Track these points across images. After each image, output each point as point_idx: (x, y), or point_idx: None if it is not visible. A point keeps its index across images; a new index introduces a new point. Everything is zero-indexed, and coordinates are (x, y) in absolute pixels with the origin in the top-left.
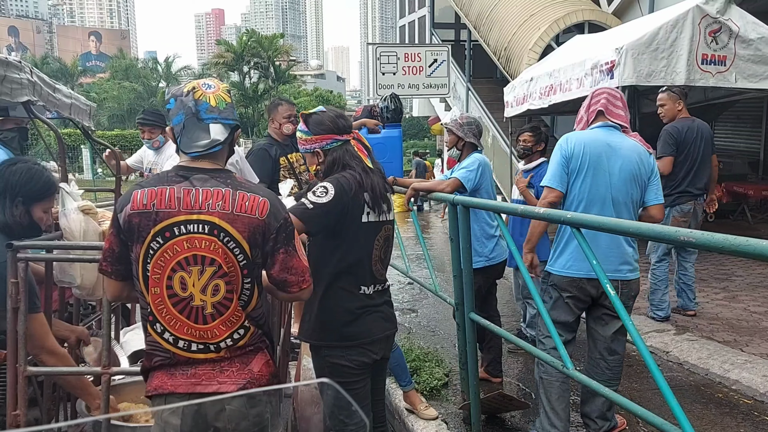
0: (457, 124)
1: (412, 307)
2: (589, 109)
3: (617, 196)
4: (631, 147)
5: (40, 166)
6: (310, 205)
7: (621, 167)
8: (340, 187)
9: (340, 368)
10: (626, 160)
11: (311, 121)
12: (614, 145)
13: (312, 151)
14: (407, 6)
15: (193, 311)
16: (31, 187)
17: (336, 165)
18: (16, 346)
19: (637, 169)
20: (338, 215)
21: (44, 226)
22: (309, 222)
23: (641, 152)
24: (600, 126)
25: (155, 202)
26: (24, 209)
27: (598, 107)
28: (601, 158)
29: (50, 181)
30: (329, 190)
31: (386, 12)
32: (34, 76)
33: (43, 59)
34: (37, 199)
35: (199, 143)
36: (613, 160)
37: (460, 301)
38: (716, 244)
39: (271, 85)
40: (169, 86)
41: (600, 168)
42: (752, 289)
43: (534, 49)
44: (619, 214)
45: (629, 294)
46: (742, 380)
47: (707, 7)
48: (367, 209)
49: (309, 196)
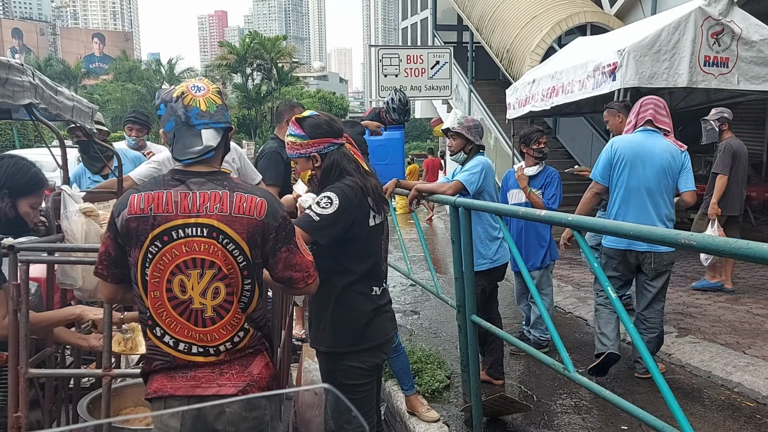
0: (465, 128)
1: (414, 308)
2: (639, 116)
3: (650, 185)
4: (664, 147)
5: (28, 162)
6: (317, 218)
7: (654, 163)
8: (345, 197)
9: (353, 370)
10: (659, 158)
11: (306, 124)
12: (649, 146)
13: (307, 155)
14: (410, 8)
15: (193, 314)
16: (17, 180)
17: (333, 169)
18: (17, 348)
19: (669, 164)
20: (345, 224)
21: (30, 222)
22: (317, 234)
23: (673, 151)
24: (641, 130)
25: (152, 206)
26: (9, 202)
27: (647, 116)
28: (637, 157)
29: (37, 176)
30: (334, 201)
31: (389, 14)
32: (36, 78)
33: (47, 61)
34: (23, 193)
35: (192, 150)
36: (647, 158)
37: (461, 303)
38: (717, 247)
39: (274, 87)
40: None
41: (635, 164)
42: (755, 292)
43: (536, 51)
44: (653, 198)
45: (661, 263)
46: (744, 383)
47: (710, 8)
48: (372, 213)
49: (314, 208)
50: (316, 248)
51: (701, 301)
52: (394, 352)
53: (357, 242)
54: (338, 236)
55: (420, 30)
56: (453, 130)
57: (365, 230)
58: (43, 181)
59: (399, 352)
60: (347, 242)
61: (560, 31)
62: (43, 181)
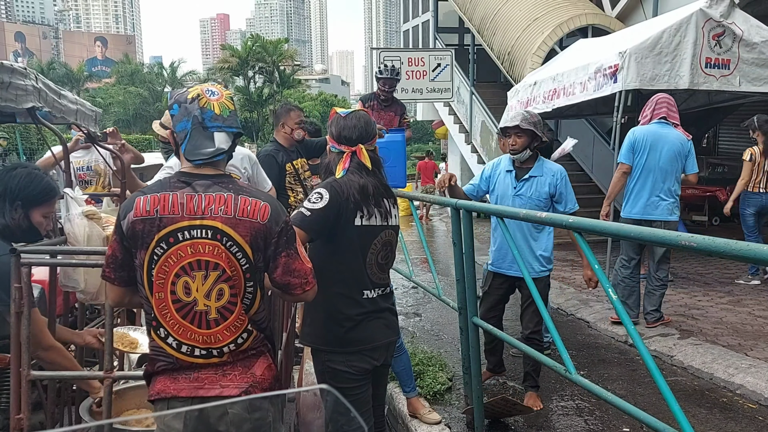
0: (532, 123)
1: (416, 311)
2: (654, 112)
3: (664, 166)
4: (675, 135)
5: (39, 171)
6: (308, 212)
7: (668, 149)
8: (334, 191)
9: (340, 374)
10: (671, 144)
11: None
12: (663, 135)
13: None
14: (411, 11)
15: (197, 316)
16: (30, 191)
17: (326, 170)
18: (19, 351)
19: (679, 150)
20: (334, 218)
21: (43, 231)
22: (308, 228)
23: (682, 139)
24: (656, 122)
25: (158, 208)
26: (23, 213)
27: (662, 113)
28: (655, 143)
29: (49, 186)
30: (324, 195)
31: (390, 16)
32: (39, 82)
33: (50, 64)
34: (36, 203)
35: (204, 151)
36: (661, 144)
37: (463, 305)
38: (717, 248)
39: (276, 90)
40: (173, 90)
41: (652, 149)
42: (757, 293)
43: (537, 53)
44: (666, 176)
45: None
46: (746, 384)
47: (711, 10)
48: (360, 213)
49: (305, 204)
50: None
51: (703, 303)
52: (396, 353)
53: (341, 240)
54: (327, 230)
55: (421, 32)
56: (522, 127)
57: (350, 228)
58: (56, 191)
59: (401, 353)
60: (331, 239)
61: (561, 34)
62: (55, 190)
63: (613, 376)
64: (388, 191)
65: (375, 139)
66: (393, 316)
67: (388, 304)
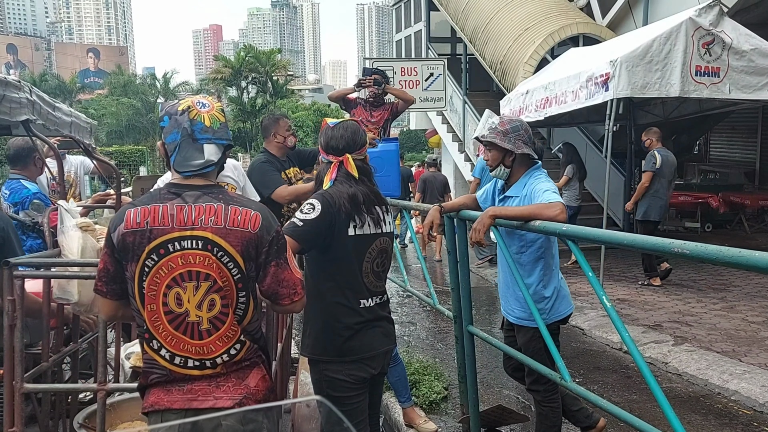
0: (498, 134)
1: (412, 320)
2: None
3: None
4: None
5: None
6: (300, 223)
7: None
8: (326, 202)
9: (337, 382)
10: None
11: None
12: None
13: None
14: (403, 21)
15: (189, 327)
16: None
17: (317, 180)
18: (12, 363)
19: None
20: (326, 229)
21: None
22: (300, 238)
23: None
24: None
25: (149, 219)
26: None
27: None
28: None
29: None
30: (316, 206)
31: (383, 26)
32: (34, 95)
33: (42, 76)
34: None
35: (193, 163)
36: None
37: (458, 314)
38: (709, 255)
39: (269, 100)
40: (165, 101)
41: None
42: (750, 299)
43: (529, 63)
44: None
45: None
46: (741, 390)
47: (700, 19)
48: (352, 223)
49: (298, 214)
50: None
51: (697, 309)
52: (391, 363)
53: (337, 249)
54: (320, 240)
55: (414, 42)
56: (483, 140)
57: (344, 238)
58: None
59: (396, 363)
60: (327, 249)
61: (553, 43)
62: None
63: (609, 384)
64: (380, 198)
65: (364, 149)
66: (390, 324)
67: (385, 313)
